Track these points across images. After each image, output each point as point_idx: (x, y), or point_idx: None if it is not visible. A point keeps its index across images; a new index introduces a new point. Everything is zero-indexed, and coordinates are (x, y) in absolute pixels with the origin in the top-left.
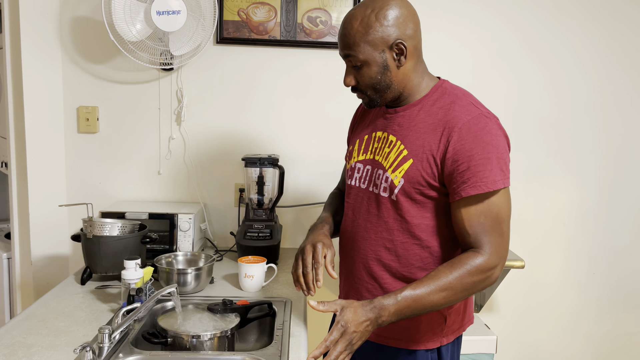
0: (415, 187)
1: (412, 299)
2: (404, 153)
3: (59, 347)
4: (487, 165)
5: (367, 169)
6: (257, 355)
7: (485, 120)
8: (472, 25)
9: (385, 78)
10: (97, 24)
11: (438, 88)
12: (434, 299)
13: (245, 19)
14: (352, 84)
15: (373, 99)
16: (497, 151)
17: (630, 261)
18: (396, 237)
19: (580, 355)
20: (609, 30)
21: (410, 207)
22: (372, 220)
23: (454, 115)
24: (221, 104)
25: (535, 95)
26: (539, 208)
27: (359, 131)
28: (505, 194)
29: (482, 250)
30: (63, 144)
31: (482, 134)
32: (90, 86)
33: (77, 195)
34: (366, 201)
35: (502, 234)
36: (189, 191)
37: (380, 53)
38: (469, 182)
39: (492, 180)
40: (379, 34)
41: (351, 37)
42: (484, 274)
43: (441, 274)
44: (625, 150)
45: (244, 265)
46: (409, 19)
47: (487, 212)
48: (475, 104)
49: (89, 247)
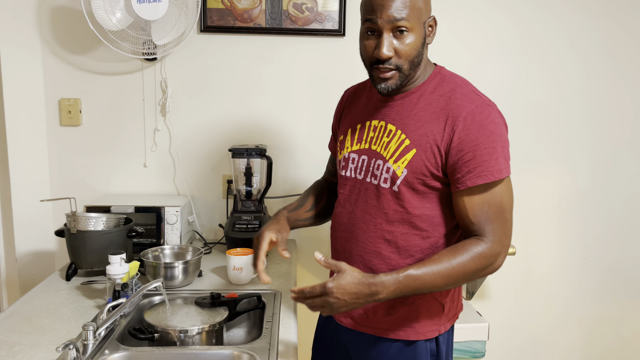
0: (418, 177)
1: (414, 279)
2: (406, 143)
3: (43, 345)
4: (492, 154)
5: (362, 159)
6: (246, 349)
7: (489, 109)
8: (467, 11)
9: (422, 52)
10: (77, 13)
11: (436, 75)
12: (435, 281)
13: (229, 7)
14: (390, 55)
15: (406, 76)
16: (502, 140)
17: (621, 246)
18: (397, 229)
19: (572, 341)
20: (603, 18)
21: (411, 197)
22: (370, 211)
23: (457, 103)
24: (207, 94)
25: (527, 83)
26: (530, 195)
27: (348, 120)
28: (508, 182)
29: (485, 238)
30: (45, 138)
31: (487, 123)
32: (72, 78)
33: (61, 189)
34: (364, 192)
35: (505, 222)
36: (175, 183)
37: (423, 25)
38: (475, 171)
39: (498, 169)
40: (423, 4)
41: (405, 1)
42: (486, 261)
43: (444, 257)
44: (616, 137)
45: (232, 257)
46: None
47: (490, 201)
48: (477, 92)
49: (73, 242)
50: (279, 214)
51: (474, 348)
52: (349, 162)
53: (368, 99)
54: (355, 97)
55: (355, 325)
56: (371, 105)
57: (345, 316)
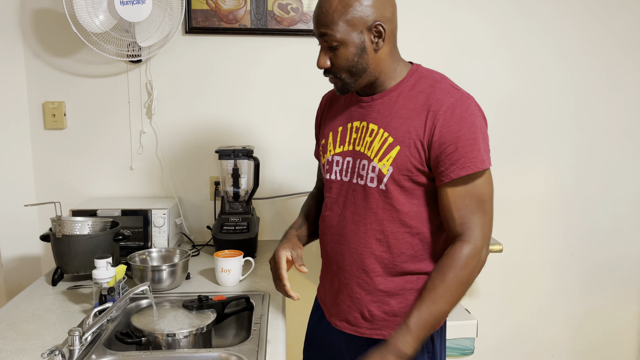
0: (404, 174)
1: (423, 320)
2: (390, 140)
3: (28, 351)
4: (474, 146)
5: (347, 161)
6: (234, 351)
7: (468, 102)
8: (448, 9)
9: (361, 61)
10: (60, 15)
11: (414, 72)
12: (441, 308)
13: (214, 8)
14: (326, 66)
15: (347, 84)
16: (482, 131)
17: (606, 241)
18: (387, 228)
19: (560, 336)
20: (586, 15)
21: (399, 195)
22: (360, 212)
23: (437, 98)
24: (193, 96)
25: (511, 80)
26: (515, 191)
27: (329, 124)
28: (489, 174)
29: (466, 236)
30: (29, 142)
31: (467, 115)
32: (56, 81)
33: (46, 193)
34: (351, 194)
35: (486, 213)
36: (162, 186)
37: (359, 34)
38: (458, 163)
39: (480, 160)
40: (358, 14)
41: (329, 15)
42: (474, 260)
43: (436, 281)
44: (599, 133)
45: (220, 259)
46: (388, 2)
47: (472, 193)
48: (455, 87)
49: (58, 247)
50: (288, 233)
51: (463, 345)
52: (334, 164)
53: (346, 102)
54: (333, 102)
55: (350, 328)
56: (350, 108)
57: (340, 319)
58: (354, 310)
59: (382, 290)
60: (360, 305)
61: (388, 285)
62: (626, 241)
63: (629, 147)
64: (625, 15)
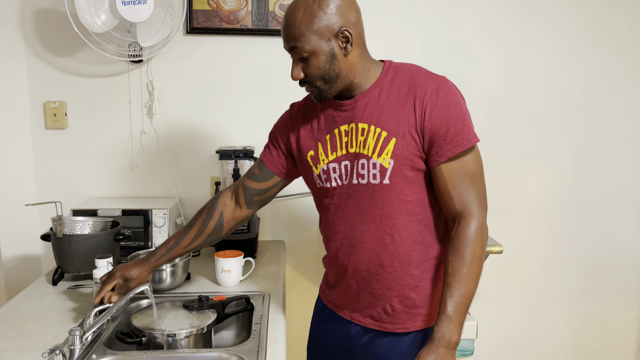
0: (405, 164)
1: (458, 304)
2: (384, 135)
3: (29, 350)
4: (464, 123)
5: (344, 165)
6: (234, 351)
7: (448, 84)
8: (444, 9)
9: (333, 67)
10: (61, 15)
11: (389, 68)
12: (470, 287)
13: (215, 8)
14: (300, 77)
15: (323, 91)
16: (465, 108)
17: (606, 243)
18: (396, 220)
19: (559, 337)
20: (584, 14)
21: (403, 185)
22: (366, 211)
23: (419, 85)
24: (193, 96)
25: (509, 81)
26: (515, 193)
27: (310, 134)
28: (477, 149)
29: (467, 212)
30: (30, 141)
31: (450, 96)
32: (57, 80)
33: (47, 193)
34: (354, 195)
35: (480, 187)
36: (163, 186)
37: (327, 42)
38: (452, 142)
39: (472, 135)
40: (323, 23)
41: (296, 28)
42: (482, 233)
43: (457, 264)
44: (599, 134)
45: (220, 259)
46: (351, 7)
47: (466, 170)
48: (431, 73)
49: (59, 246)
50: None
51: (462, 346)
52: (331, 172)
53: (323, 110)
54: (307, 111)
55: (374, 324)
56: (332, 114)
57: (364, 316)
58: (377, 306)
59: (401, 283)
60: (382, 300)
61: (406, 278)
62: (626, 242)
63: (629, 149)
64: (624, 15)
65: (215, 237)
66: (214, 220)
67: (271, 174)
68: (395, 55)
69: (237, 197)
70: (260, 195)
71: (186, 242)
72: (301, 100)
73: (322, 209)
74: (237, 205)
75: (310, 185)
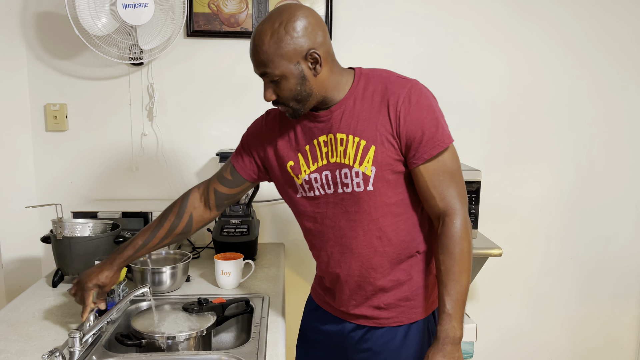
0: (386, 169)
1: (456, 301)
2: (363, 143)
3: (29, 352)
4: (437, 125)
5: (325, 175)
6: (234, 354)
7: (419, 87)
8: (446, 13)
9: (305, 88)
10: (62, 18)
11: (360, 77)
12: (464, 283)
13: (215, 11)
14: (272, 99)
15: (296, 109)
16: (438, 109)
17: (605, 246)
18: (383, 223)
19: (559, 340)
20: (585, 19)
21: (386, 189)
22: (354, 218)
23: (392, 91)
24: (193, 98)
25: (510, 85)
26: (515, 196)
27: (288, 146)
28: (452, 147)
29: (450, 209)
30: (31, 143)
31: (422, 99)
32: (58, 83)
33: (48, 195)
34: (340, 203)
35: (459, 183)
36: (163, 188)
37: (296, 65)
38: (428, 145)
39: (447, 136)
40: (290, 47)
41: (264, 54)
42: (467, 228)
43: (448, 262)
44: (599, 137)
45: (220, 262)
46: (317, 27)
47: (444, 169)
48: (401, 77)
49: (59, 248)
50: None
51: (462, 349)
52: (313, 182)
53: (300, 120)
54: (283, 121)
55: (369, 321)
56: (309, 125)
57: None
58: (370, 303)
59: (393, 279)
60: (375, 298)
61: (397, 275)
62: (625, 245)
63: (629, 152)
64: (626, 19)
65: (182, 238)
66: (183, 223)
67: (243, 180)
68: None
69: (207, 199)
70: (230, 199)
71: (154, 242)
72: (277, 108)
73: (307, 218)
74: (206, 207)
75: (286, 194)
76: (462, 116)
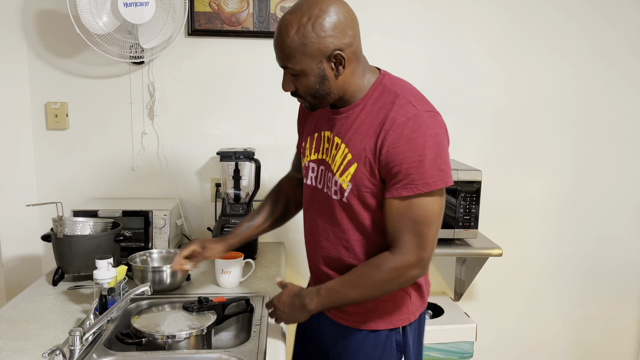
0: (362, 190)
1: (331, 291)
2: (349, 157)
3: (29, 350)
4: (419, 168)
5: (320, 169)
6: (234, 352)
7: (422, 121)
8: (446, 15)
9: (323, 87)
10: (63, 16)
11: (378, 85)
12: (349, 293)
13: (217, 10)
14: (291, 90)
15: (313, 104)
16: (433, 152)
17: (605, 246)
18: (351, 237)
19: (559, 340)
20: (585, 19)
21: (360, 209)
22: (328, 221)
23: (392, 117)
24: (194, 97)
25: (511, 85)
26: (515, 196)
27: (307, 128)
28: (437, 194)
29: (394, 249)
30: (31, 142)
31: (415, 136)
32: (59, 81)
33: (48, 193)
34: (318, 201)
35: (421, 235)
36: (164, 187)
37: (318, 64)
38: (401, 183)
39: (424, 183)
40: (315, 46)
41: (287, 48)
42: (396, 273)
43: (357, 270)
44: (599, 138)
45: (220, 261)
46: (347, 26)
47: (408, 213)
48: (414, 103)
49: (59, 247)
50: (227, 236)
51: (462, 349)
52: (309, 170)
53: (323, 109)
54: None
55: (333, 315)
56: (325, 116)
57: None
58: None
59: None
60: None
61: None
62: (625, 246)
63: (629, 152)
64: (626, 20)
65: (285, 220)
66: (280, 205)
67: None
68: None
69: (294, 184)
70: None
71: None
72: None
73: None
74: (298, 189)
75: None
76: (462, 117)
